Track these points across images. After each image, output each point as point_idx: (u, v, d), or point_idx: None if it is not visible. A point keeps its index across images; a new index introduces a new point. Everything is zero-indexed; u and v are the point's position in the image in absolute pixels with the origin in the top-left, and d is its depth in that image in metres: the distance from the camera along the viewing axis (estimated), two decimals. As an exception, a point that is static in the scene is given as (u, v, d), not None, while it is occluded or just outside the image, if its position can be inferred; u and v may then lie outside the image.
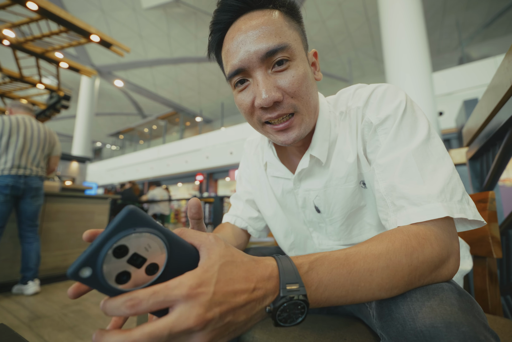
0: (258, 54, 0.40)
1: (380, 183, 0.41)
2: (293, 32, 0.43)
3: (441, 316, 0.27)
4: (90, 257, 0.21)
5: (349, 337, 0.43)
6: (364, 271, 0.30)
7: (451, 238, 0.35)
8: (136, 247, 0.22)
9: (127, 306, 0.21)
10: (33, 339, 1.27)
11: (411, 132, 0.40)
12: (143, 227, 0.23)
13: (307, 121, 0.45)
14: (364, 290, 0.30)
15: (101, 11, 7.93)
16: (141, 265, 0.23)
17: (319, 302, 0.29)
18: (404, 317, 0.29)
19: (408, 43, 4.44)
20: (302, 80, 0.42)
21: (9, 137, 1.92)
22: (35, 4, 2.74)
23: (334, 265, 0.30)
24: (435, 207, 0.35)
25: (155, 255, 0.24)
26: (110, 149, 18.98)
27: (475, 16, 8.06)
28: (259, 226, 0.67)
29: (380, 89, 0.45)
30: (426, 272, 0.32)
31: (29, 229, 2.02)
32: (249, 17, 0.42)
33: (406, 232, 0.34)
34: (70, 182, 5.88)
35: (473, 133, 1.08)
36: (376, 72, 10.33)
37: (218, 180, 11.85)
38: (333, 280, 0.29)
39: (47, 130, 2.15)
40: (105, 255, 0.21)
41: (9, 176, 1.89)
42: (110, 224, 0.22)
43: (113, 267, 0.22)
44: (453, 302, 0.28)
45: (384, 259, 0.31)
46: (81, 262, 0.21)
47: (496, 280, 0.59)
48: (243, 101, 0.44)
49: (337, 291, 0.29)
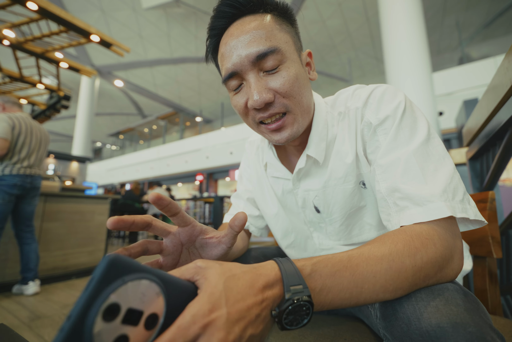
0: (249, 57, 0.42)
1: (381, 184, 0.41)
2: (284, 35, 0.44)
3: (447, 316, 0.26)
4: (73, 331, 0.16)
5: (349, 337, 0.43)
6: (368, 273, 0.30)
7: (454, 237, 0.35)
8: (129, 301, 0.19)
9: None
10: (33, 339, 1.27)
11: (411, 132, 0.41)
12: (131, 273, 0.19)
13: (299, 121, 0.46)
14: (368, 292, 0.30)
15: (101, 11, 7.93)
16: (138, 320, 0.19)
17: (323, 305, 0.29)
18: (409, 317, 0.28)
19: (408, 43, 4.44)
20: (293, 81, 0.43)
21: (25, 137, 1.94)
22: (35, 4, 2.74)
23: (337, 267, 0.30)
24: (438, 206, 0.35)
25: (152, 303, 0.20)
26: (110, 149, 18.98)
27: (475, 16, 8.06)
28: (260, 224, 0.67)
29: (379, 90, 0.45)
30: (431, 273, 0.32)
31: (27, 229, 2.01)
32: (241, 23, 0.44)
33: (409, 232, 0.34)
34: (70, 182, 5.88)
35: (473, 133, 1.08)
36: (376, 72, 10.33)
37: (218, 180, 11.85)
38: (336, 282, 0.29)
39: (44, 129, 2.17)
40: (92, 324, 0.17)
41: (18, 176, 1.89)
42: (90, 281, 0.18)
43: (105, 337, 0.17)
44: (458, 302, 0.28)
45: (387, 260, 0.31)
46: (63, 337, 0.16)
47: (496, 280, 0.59)
48: (238, 103, 0.46)
49: (341, 294, 0.29)
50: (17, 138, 1.90)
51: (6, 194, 1.84)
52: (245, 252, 0.64)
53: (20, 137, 1.91)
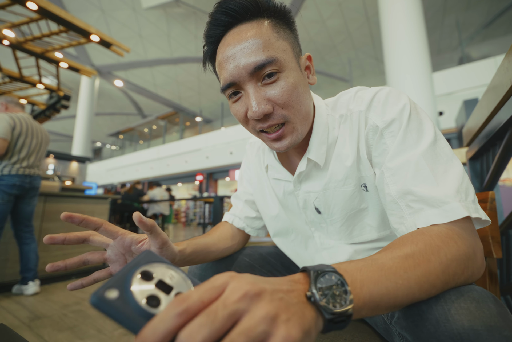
0: (246, 69, 0.41)
1: (391, 186, 0.41)
2: (282, 43, 0.43)
3: (481, 319, 0.26)
4: (117, 280, 0.20)
5: (349, 337, 0.43)
6: (397, 269, 0.28)
7: (474, 236, 0.35)
8: (160, 274, 0.22)
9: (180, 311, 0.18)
10: (33, 339, 1.27)
11: (418, 135, 0.41)
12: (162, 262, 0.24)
13: (298, 129, 0.46)
14: (403, 288, 0.28)
15: (101, 11, 7.93)
16: (169, 292, 0.22)
17: (363, 300, 0.26)
18: (437, 318, 0.28)
19: (408, 43, 4.45)
20: (292, 90, 0.43)
21: (26, 138, 1.94)
22: (35, 4, 2.74)
23: (360, 264, 0.28)
24: (454, 207, 0.34)
25: (180, 284, 0.23)
26: (110, 149, 18.98)
27: (475, 16, 8.07)
28: (256, 225, 0.68)
29: (382, 93, 0.45)
30: (458, 271, 0.31)
31: (26, 229, 2.02)
32: (238, 31, 0.43)
33: (427, 232, 0.33)
34: (70, 182, 5.89)
35: (473, 133, 1.08)
36: (376, 72, 10.33)
37: (218, 180, 11.85)
38: (366, 276, 0.27)
39: (44, 130, 2.18)
40: (132, 276, 0.21)
41: (17, 176, 1.90)
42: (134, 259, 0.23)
43: (142, 289, 0.21)
44: (490, 305, 0.28)
45: (412, 258, 0.30)
46: (106, 285, 0.20)
47: (496, 280, 0.58)
48: (238, 112, 0.46)
49: (376, 287, 0.27)
50: (17, 138, 1.90)
51: (5, 193, 1.85)
52: (239, 250, 0.66)
53: (20, 137, 1.92)
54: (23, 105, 2.15)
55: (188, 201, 11.34)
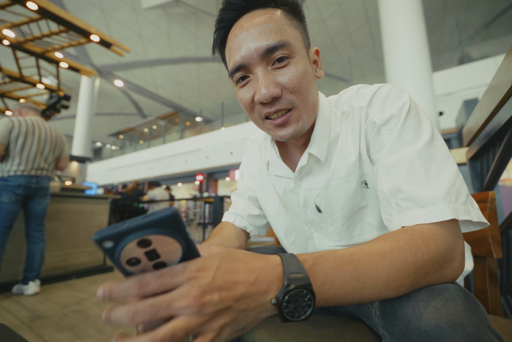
0: (258, 51, 0.41)
1: (384, 184, 0.41)
2: (294, 30, 0.44)
3: (446, 316, 0.26)
4: (120, 234, 0.23)
5: (349, 337, 0.43)
6: (370, 269, 0.30)
7: (456, 238, 0.35)
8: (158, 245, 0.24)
9: (135, 287, 0.23)
10: (33, 339, 1.27)
11: (415, 133, 0.41)
12: (176, 232, 0.24)
13: (304, 118, 0.45)
14: (370, 288, 0.30)
15: (101, 11, 7.93)
16: (153, 259, 0.25)
17: (326, 300, 0.29)
18: (408, 317, 0.28)
19: (408, 43, 4.44)
20: (301, 76, 0.43)
21: (25, 139, 1.96)
22: (35, 4, 2.74)
23: (338, 261, 0.30)
24: (441, 208, 0.35)
25: (169, 256, 0.26)
26: (110, 149, 18.98)
27: (475, 16, 8.06)
28: (259, 223, 0.66)
29: (384, 89, 0.45)
30: (431, 271, 0.32)
31: (37, 227, 2.07)
32: (251, 16, 0.43)
33: (410, 231, 0.34)
34: (70, 182, 5.88)
35: (473, 133, 1.08)
36: (376, 72, 10.33)
37: (218, 180, 11.85)
38: (338, 277, 0.29)
39: (58, 132, 2.20)
40: (131, 240, 0.23)
41: (22, 176, 1.93)
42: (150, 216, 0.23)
43: (131, 251, 0.24)
44: (458, 302, 0.28)
45: (388, 257, 0.31)
46: (109, 235, 0.22)
47: (496, 280, 0.59)
48: (244, 97, 0.45)
49: (343, 288, 0.29)
50: (16, 140, 1.92)
51: (13, 194, 1.90)
52: None
53: (19, 139, 1.93)
54: (36, 109, 2.20)
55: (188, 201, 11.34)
